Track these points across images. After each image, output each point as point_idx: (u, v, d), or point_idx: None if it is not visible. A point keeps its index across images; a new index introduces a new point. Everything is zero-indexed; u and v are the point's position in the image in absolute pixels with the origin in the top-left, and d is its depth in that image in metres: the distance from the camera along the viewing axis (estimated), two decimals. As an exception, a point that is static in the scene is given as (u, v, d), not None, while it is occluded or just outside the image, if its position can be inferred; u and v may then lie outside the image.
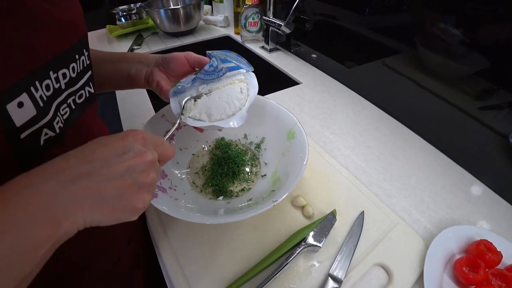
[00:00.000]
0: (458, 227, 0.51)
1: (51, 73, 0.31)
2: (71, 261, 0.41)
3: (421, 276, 0.45)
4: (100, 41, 1.32)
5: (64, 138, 0.35)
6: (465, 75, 0.63)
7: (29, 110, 0.28)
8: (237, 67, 0.49)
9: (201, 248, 0.48)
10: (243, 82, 0.50)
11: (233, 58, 0.51)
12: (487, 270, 0.45)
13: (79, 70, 0.36)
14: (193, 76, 0.48)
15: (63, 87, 0.34)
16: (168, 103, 0.50)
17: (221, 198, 0.54)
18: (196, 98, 0.47)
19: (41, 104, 0.30)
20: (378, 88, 0.84)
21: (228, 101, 0.48)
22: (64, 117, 0.35)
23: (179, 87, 0.47)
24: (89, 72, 0.40)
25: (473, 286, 0.44)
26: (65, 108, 0.35)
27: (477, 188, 0.62)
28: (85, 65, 0.38)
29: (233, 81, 0.49)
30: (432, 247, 0.48)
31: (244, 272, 0.44)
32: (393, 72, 0.77)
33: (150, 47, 1.22)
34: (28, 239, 0.21)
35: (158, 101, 0.53)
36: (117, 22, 1.33)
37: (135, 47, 1.21)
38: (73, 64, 0.35)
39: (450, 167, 0.66)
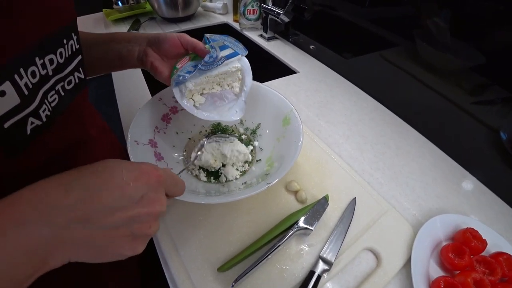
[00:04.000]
0: (446, 215, 0.52)
1: (37, 59, 0.30)
2: None
3: (408, 261, 0.46)
4: (96, 25, 1.30)
5: (53, 125, 0.34)
6: (461, 69, 0.63)
7: (12, 99, 0.27)
8: (234, 54, 0.51)
9: (196, 230, 0.49)
10: (239, 71, 0.52)
11: (231, 43, 0.53)
12: (472, 256, 0.46)
13: (67, 55, 0.35)
14: (190, 63, 0.49)
15: (50, 73, 0.32)
16: (164, 85, 0.52)
17: (216, 181, 0.55)
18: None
19: (26, 92, 0.28)
20: (375, 80, 0.85)
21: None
22: (53, 104, 0.34)
23: (180, 78, 0.47)
24: (79, 57, 0.38)
25: (458, 271, 0.46)
26: (53, 95, 0.34)
27: (467, 181, 0.63)
28: (74, 50, 0.36)
29: (230, 68, 0.51)
30: (420, 234, 0.49)
31: (237, 253, 0.45)
32: (390, 64, 0.77)
33: (147, 32, 1.21)
34: (8, 278, 0.21)
35: (154, 83, 0.53)
36: (114, 6, 1.31)
37: (132, 32, 1.19)
38: (61, 49, 0.33)
39: (442, 160, 0.67)
